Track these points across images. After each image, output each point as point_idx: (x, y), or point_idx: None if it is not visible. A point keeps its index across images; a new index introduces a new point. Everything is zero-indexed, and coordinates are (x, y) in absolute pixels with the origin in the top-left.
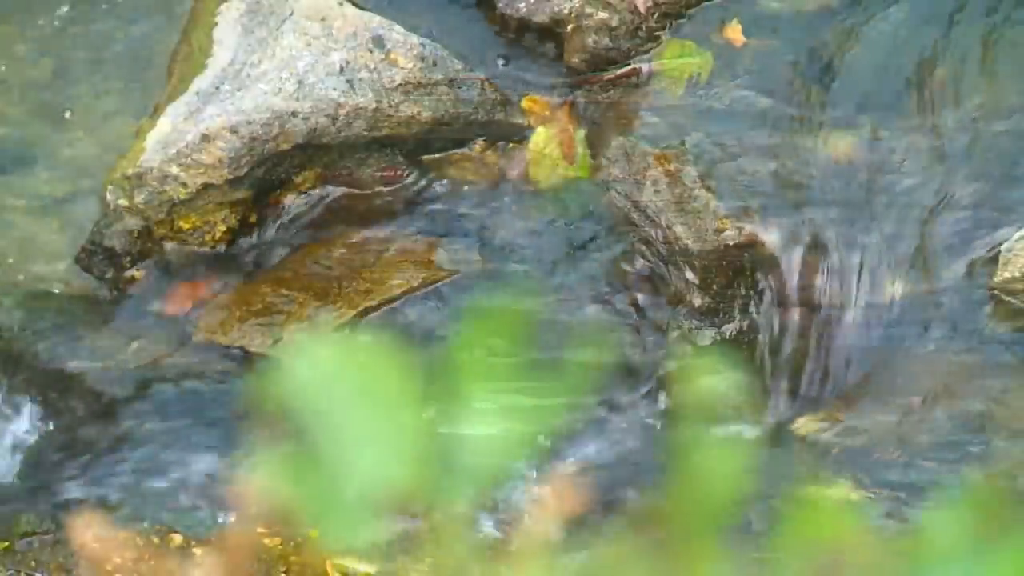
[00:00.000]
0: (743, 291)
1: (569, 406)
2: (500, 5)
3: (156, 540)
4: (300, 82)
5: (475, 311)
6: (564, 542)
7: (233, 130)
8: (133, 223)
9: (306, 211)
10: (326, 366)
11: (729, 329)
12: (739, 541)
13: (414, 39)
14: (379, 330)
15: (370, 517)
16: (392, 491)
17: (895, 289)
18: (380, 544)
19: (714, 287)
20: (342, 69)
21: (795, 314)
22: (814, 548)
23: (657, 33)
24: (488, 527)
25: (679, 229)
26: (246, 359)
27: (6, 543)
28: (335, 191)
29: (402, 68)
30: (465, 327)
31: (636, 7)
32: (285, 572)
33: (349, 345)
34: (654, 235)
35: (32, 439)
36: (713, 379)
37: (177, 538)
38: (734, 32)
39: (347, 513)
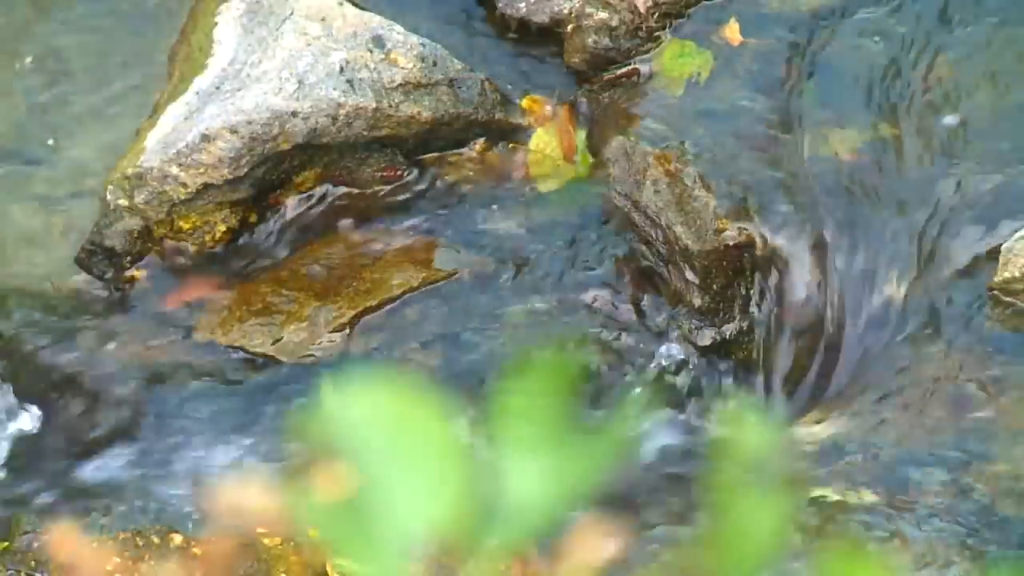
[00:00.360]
0: (743, 291)
1: (610, 449)
2: (500, 5)
3: (156, 540)
4: (300, 82)
5: (523, 361)
6: None
7: (233, 130)
8: (133, 223)
9: (306, 211)
10: (368, 407)
11: (729, 329)
12: None
13: (414, 39)
14: (421, 373)
15: (409, 558)
16: (432, 534)
17: (895, 289)
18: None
19: (714, 287)
20: (342, 69)
21: (795, 314)
22: None
23: (657, 33)
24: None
25: (679, 229)
26: (246, 359)
27: (6, 543)
28: (335, 191)
29: (402, 68)
30: (513, 376)
31: (636, 7)
32: (285, 572)
33: (392, 386)
34: (654, 235)
35: (31, 439)
36: (748, 432)
37: (177, 538)
38: (732, 32)
39: (386, 554)
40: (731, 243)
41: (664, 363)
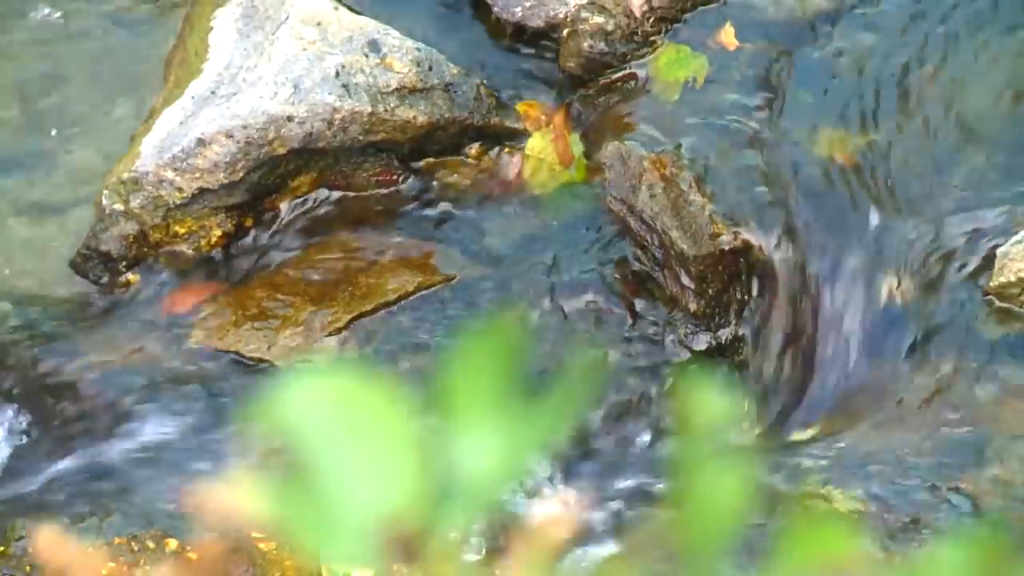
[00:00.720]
0: (739, 296)
1: (567, 424)
2: (496, 9)
3: (151, 545)
4: (296, 86)
5: (470, 330)
6: (562, 562)
7: (229, 134)
8: (129, 227)
9: (302, 215)
10: (320, 395)
11: (725, 334)
12: (741, 561)
13: (410, 43)
14: (371, 358)
15: (369, 543)
16: (389, 518)
17: (890, 293)
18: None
19: (710, 292)
20: (338, 73)
21: (791, 318)
22: (815, 570)
23: (653, 38)
24: (484, 549)
25: (675, 234)
26: (241, 363)
27: (1, 547)
28: (331, 195)
29: (398, 72)
30: (459, 347)
31: (631, 11)
32: None
33: (343, 374)
34: (650, 240)
35: (28, 443)
36: (711, 398)
37: (172, 543)
38: (727, 36)
39: (346, 540)
40: (727, 248)
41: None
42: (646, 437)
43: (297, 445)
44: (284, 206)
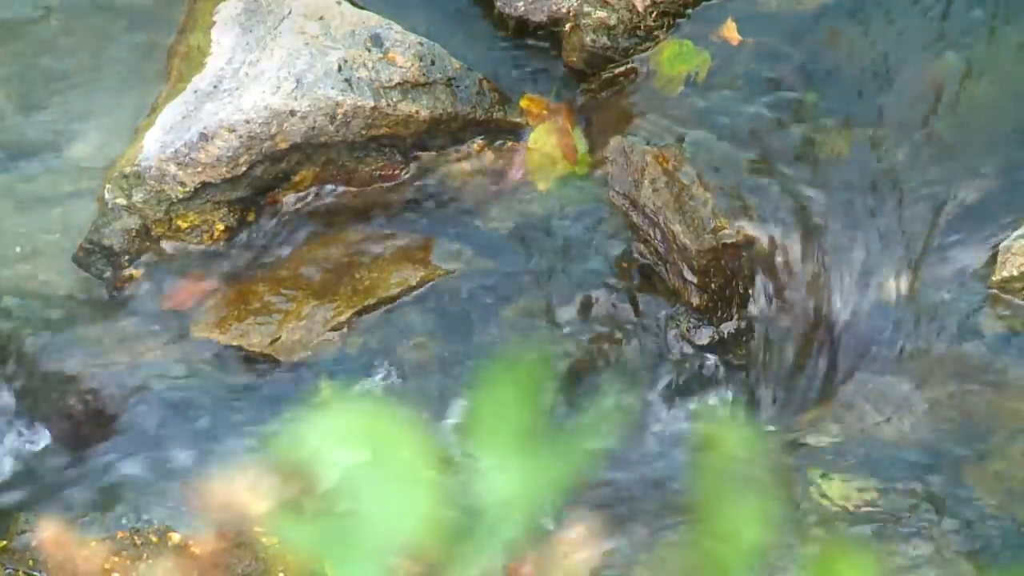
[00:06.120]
0: (741, 290)
1: (586, 455)
2: (498, 4)
3: (154, 539)
4: (298, 81)
5: (493, 370)
6: None
7: (231, 129)
8: (131, 222)
9: (304, 210)
10: (346, 427)
11: (727, 328)
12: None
13: (412, 38)
14: (395, 396)
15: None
16: (411, 550)
17: (893, 287)
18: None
19: (712, 286)
20: (340, 68)
21: (793, 313)
22: None
23: (655, 32)
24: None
25: (677, 228)
26: (243, 357)
27: (4, 542)
28: (333, 190)
29: (400, 67)
30: (483, 386)
31: (634, 6)
32: (283, 571)
33: (367, 408)
34: (652, 234)
35: (30, 437)
36: (732, 436)
37: (175, 536)
38: (730, 31)
39: (368, 568)
40: (729, 242)
41: (662, 362)
42: (655, 440)
43: (321, 476)
44: (286, 200)
